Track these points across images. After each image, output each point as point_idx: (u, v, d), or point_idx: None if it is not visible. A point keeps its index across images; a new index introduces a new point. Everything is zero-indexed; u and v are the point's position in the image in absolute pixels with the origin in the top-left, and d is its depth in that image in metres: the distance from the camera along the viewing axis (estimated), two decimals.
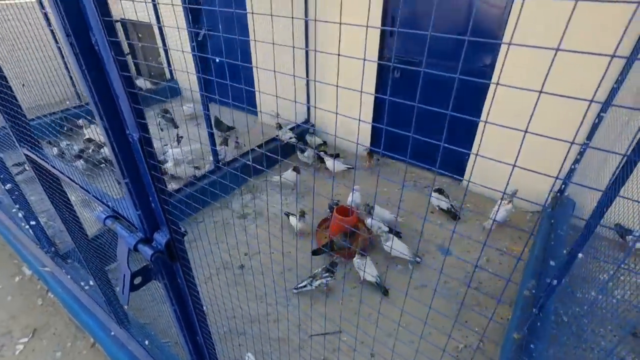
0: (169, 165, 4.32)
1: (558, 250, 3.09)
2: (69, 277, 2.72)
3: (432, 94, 4.16)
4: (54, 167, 1.42)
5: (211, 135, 4.02)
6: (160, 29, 6.20)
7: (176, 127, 5.61)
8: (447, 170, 4.52)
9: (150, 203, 0.99)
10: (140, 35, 6.93)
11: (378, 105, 4.78)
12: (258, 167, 1.00)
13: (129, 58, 6.87)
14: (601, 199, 2.13)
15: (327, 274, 2.96)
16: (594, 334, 2.56)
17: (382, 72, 4.61)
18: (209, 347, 1.35)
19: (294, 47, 1.08)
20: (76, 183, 1.21)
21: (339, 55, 0.70)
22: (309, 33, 4.82)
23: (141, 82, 6.53)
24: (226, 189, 4.12)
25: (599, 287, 2.67)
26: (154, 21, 6.29)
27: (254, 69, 4.96)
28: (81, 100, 5.78)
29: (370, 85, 4.62)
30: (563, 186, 3.75)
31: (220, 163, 4.28)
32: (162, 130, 5.38)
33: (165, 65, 7.02)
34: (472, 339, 2.74)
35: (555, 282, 2.28)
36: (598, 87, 0.54)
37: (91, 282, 2.64)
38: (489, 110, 0.96)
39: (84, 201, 3.50)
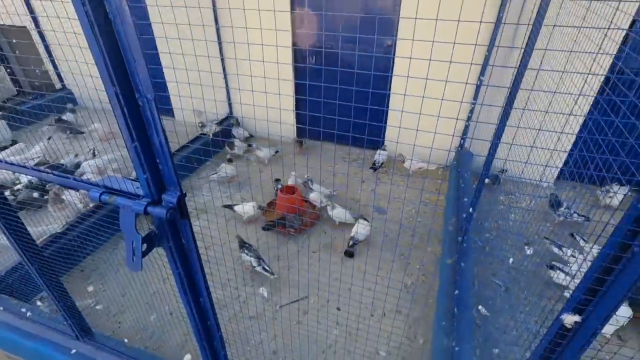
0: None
1: (467, 190, 3.78)
2: (1, 308, 2.41)
3: (346, 76, 4.57)
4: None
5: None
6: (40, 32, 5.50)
7: (80, 132, 5.19)
8: (368, 145, 5.05)
9: (158, 165, 1.07)
10: (13, 41, 6.00)
11: (299, 92, 5.05)
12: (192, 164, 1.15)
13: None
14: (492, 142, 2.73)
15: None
16: (501, 249, 3.25)
17: (298, 61, 4.88)
18: (213, 309, 1.45)
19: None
20: (49, 173, 1.19)
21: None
22: (218, 17, 4.84)
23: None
24: None
25: (497, 215, 3.40)
26: (30, 25, 5.55)
27: (162, 61, 4.77)
28: None
29: (288, 73, 4.86)
30: (462, 141, 4.54)
31: None
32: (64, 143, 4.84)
33: (52, 72, 6.21)
34: (416, 276, 3.23)
35: (471, 210, 2.86)
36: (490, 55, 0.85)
37: (25, 311, 2.39)
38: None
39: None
